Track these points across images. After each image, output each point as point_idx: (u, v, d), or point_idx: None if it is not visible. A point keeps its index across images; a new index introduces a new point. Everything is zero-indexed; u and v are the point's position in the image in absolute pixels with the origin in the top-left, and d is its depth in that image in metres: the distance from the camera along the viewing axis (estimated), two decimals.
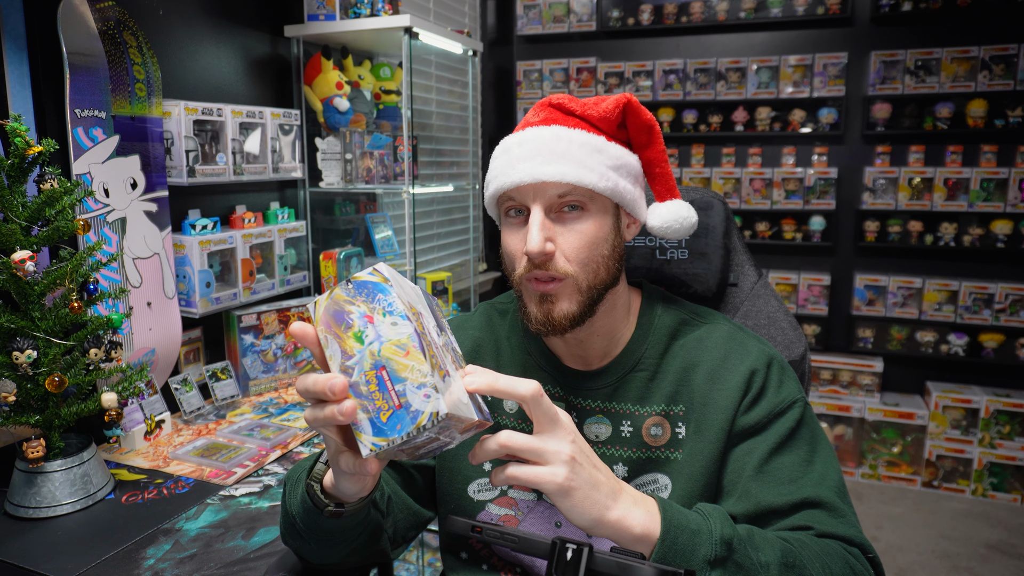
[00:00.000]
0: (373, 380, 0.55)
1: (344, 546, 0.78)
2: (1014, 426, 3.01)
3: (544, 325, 0.82)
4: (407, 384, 0.54)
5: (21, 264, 1.08)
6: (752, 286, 1.18)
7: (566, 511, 0.65)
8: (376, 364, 0.55)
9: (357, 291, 0.57)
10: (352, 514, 0.73)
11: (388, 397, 0.55)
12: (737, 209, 3.42)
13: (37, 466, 1.15)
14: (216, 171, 1.66)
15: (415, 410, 0.54)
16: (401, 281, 0.61)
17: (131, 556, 1.03)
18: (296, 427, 1.56)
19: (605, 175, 0.81)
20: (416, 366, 0.55)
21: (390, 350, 0.55)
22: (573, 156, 0.80)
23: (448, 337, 0.67)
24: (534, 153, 0.80)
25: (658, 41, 3.51)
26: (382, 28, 1.94)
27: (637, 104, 0.84)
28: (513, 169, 0.81)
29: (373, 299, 0.57)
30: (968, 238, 3.10)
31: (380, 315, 0.56)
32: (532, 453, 0.64)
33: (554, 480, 0.63)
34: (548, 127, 0.83)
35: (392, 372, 0.55)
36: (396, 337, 0.55)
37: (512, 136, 0.85)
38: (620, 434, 0.87)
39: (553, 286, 0.81)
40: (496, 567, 0.90)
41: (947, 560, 2.59)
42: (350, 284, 0.58)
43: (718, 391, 0.84)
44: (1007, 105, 2.99)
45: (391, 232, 2.39)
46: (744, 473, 0.80)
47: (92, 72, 1.39)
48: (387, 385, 0.55)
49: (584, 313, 0.83)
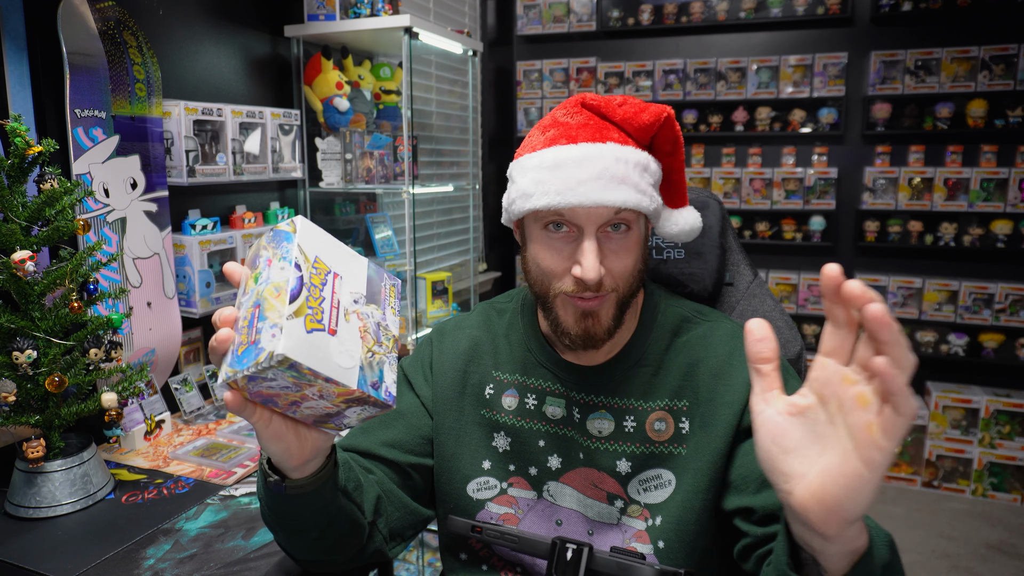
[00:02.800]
0: (249, 316, 0.57)
1: (307, 533, 0.76)
2: (1014, 426, 3.01)
3: (584, 340, 0.83)
4: (265, 323, 0.56)
5: (21, 264, 1.08)
6: (748, 285, 1.18)
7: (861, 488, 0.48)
8: (256, 303, 0.57)
9: (272, 238, 0.61)
10: (302, 491, 0.71)
11: (250, 333, 0.56)
12: (737, 209, 3.42)
13: (37, 466, 1.15)
14: (216, 171, 1.67)
15: (260, 347, 0.55)
16: (322, 238, 0.63)
17: (131, 556, 1.04)
18: None
19: (653, 195, 0.83)
20: (279, 307, 0.56)
21: (268, 291, 0.57)
22: (631, 180, 0.79)
23: (383, 313, 0.66)
24: (596, 175, 0.78)
25: (658, 41, 3.51)
26: (382, 28, 1.94)
27: (674, 119, 0.84)
28: (571, 190, 0.78)
29: (279, 245, 0.60)
30: (968, 238, 3.10)
31: (277, 260, 0.59)
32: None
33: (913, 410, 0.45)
34: (604, 145, 0.80)
35: (262, 311, 0.56)
36: (277, 280, 0.57)
37: (564, 149, 0.81)
38: (623, 429, 0.87)
39: (597, 302, 0.82)
40: (496, 567, 0.91)
41: (947, 560, 2.59)
42: (271, 231, 0.61)
43: (724, 387, 0.85)
44: (1007, 105, 2.98)
45: (391, 232, 2.39)
46: (756, 469, 0.79)
47: (92, 72, 1.39)
48: (254, 323, 0.57)
49: (617, 325, 0.84)
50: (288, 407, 0.61)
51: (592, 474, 0.88)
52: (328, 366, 0.57)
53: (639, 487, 0.86)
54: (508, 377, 0.93)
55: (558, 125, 0.84)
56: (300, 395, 0.59)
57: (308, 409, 0.61)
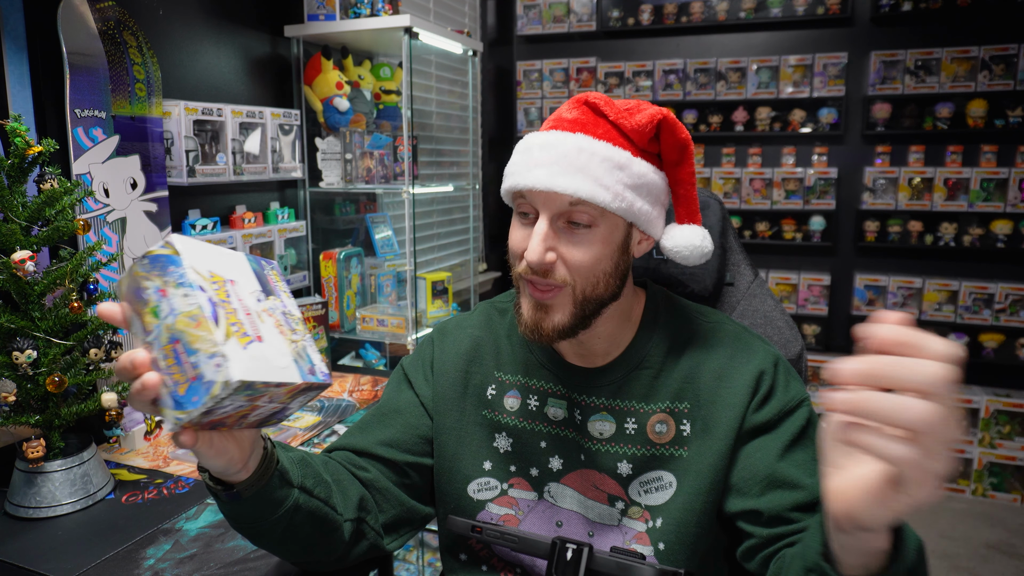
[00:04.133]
0: (170, 354, 0.55)
1: (270, 533, 0.75)
2: (1014, 426, 3.01)
3: (533, 332, 0.83)
4: (199, 355, 0.54)
5: (21, 264, 1.08)
6: (748, 285, 1.18)
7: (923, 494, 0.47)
8: (172, 338, 0.55)
9: (152, 265, 0.57)
10: (256, 487, 0.70)
11: (184, 369, 0.55)
12: (737, 209, 3.42)
13: (37, 466, 1.15)
14: (216, 171, 1.67)
15: (208, 380, 0.54)
16: (203, 249, 0.61)
17: (131, 556, 1.03)
18: (296, 427, 1.56)
19: (620, 194, 0.79)
20: (206, 336, 0.55)
21: (183, 323, 0.55)
22: (591, 171, 0.78)
23: (281, 301, 0.66)
24: (552, 160, 0.78)
25: (658, 41, 3.51)
26: (382, 28, 1.94)
27: (674, 121, 0.81)
28: (529, 172, 0.79)
29: (166, 272, 0.57)
30: (968, 238, 3.10)
31: (173, 287, 0.56)
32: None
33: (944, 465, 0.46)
34: (573, 135, 0.80)
35: (186, 344, 0.55)
36: (187, 308, 0.55)
37: (537, 135, 0.83)
38: (624, 431, 0.87)
39: (551, 295, 0.81)
40: (496, 568, 0.90)
41: (947, 560, 2.59)
42: (145, 259, 0.58)
43: (726, 389, 0.84)
44: (1007, 105, 2.99)
45: (391, 232, 2.39)
46: (759, 470, 0.80)
47: (92, 72, 1.39)
48: (182, 358, 0.55)
49: (576, 325, 0.82)
50: (237, 422, 0.61)
51: (593, 476, 0.88)
52: (274, 372, 0.57)
53: (640, 489, 0.86)
54: (510, 378, 0.93)
55: (556, 117, 0.85)
56: (251, 407, 0.59)
57: (255, 416, 0.61)
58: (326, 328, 2.01)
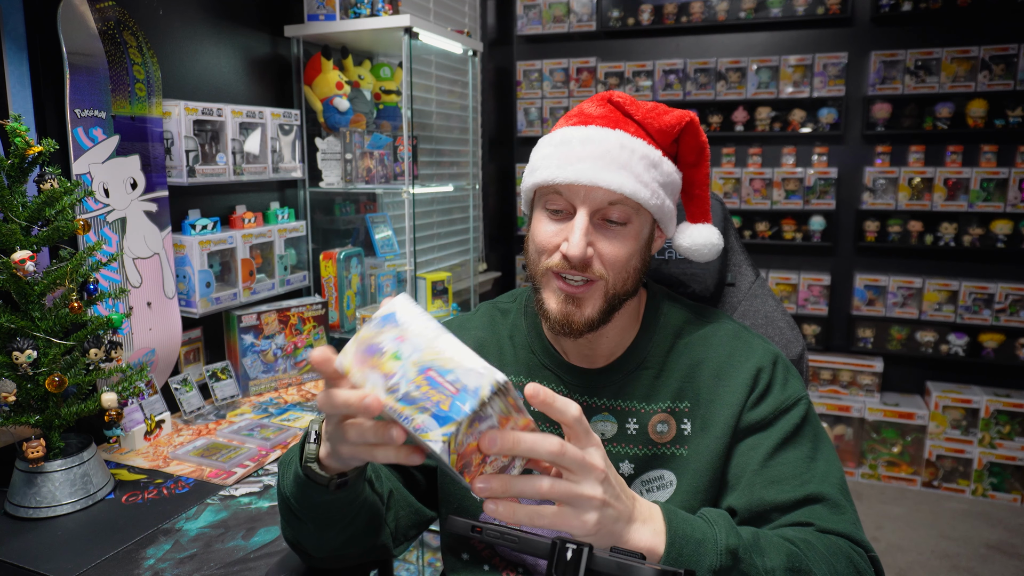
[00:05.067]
0: (424, 383, 0.56)
1: (342, 528, 0.77)
2: (1014, 426, 3.01)
3: (564, 326, 0.83)
4: (456, 372, 0.56)
5: (21, 264, 1.08)
6: (749, 286, 1.18)
7: (581, 537, 0.63)
8: (422, 368, 0.57)
9: (381, 324, 0.60)
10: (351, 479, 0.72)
11: (442, 388, 0.56)
12: (737, 209, 3.42)
13: (37, 466, 1.15)
14: (216, 171, 1.67)
15: (474, 387, 0.55)
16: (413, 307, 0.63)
17: (131, 556, 1.03)
18: (296, 427, 1.56)
19: (656, 192, 0.82)
20: (458, 358, 0.57)
21: (430, 354, 0.57)
22: (632, 168, 0.79)
23: None
24: (597, 155, 0.79)
25: (658, 41, 3.51)
26: (382, 28, 1.94)
27: (698, 125, 0.84)
28: (571, 165, 0.79)
29: (398, 324, 0.59)
30: (968, 238, 3.10)
31: (411, 336, 0.59)
32: (563, 496, 0.60)
33: (584, 527, 0.61)
34: (613, 131, 0.81)
35: (439, 369, 0.56)
36: (429, 344, 0.58)
37: (573, 129, 0.83)
38: (626, 431, 0.87)
39: (583, 289, 0.81)
40: (497, 567, 0.91)
41: (947, 560, 2.59)
42: (372, 322, 0.60)
43: (724, 388, 0.85)
44: (1007, 105, 2.99)
45: (391, 232, 2.39)
46: (748, 467, 0.80)
47: (92, 72, 1.39)
48: (438, 380, 0.56)
49: (602, 319, 0.83)
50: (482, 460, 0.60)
51: None
52: None
53: (641, 488, 0.86)
54: (513, 379, 0.94)
55: (580, 113, 0.85)
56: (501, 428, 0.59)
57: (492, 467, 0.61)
58: (326, 328, 2.01)
